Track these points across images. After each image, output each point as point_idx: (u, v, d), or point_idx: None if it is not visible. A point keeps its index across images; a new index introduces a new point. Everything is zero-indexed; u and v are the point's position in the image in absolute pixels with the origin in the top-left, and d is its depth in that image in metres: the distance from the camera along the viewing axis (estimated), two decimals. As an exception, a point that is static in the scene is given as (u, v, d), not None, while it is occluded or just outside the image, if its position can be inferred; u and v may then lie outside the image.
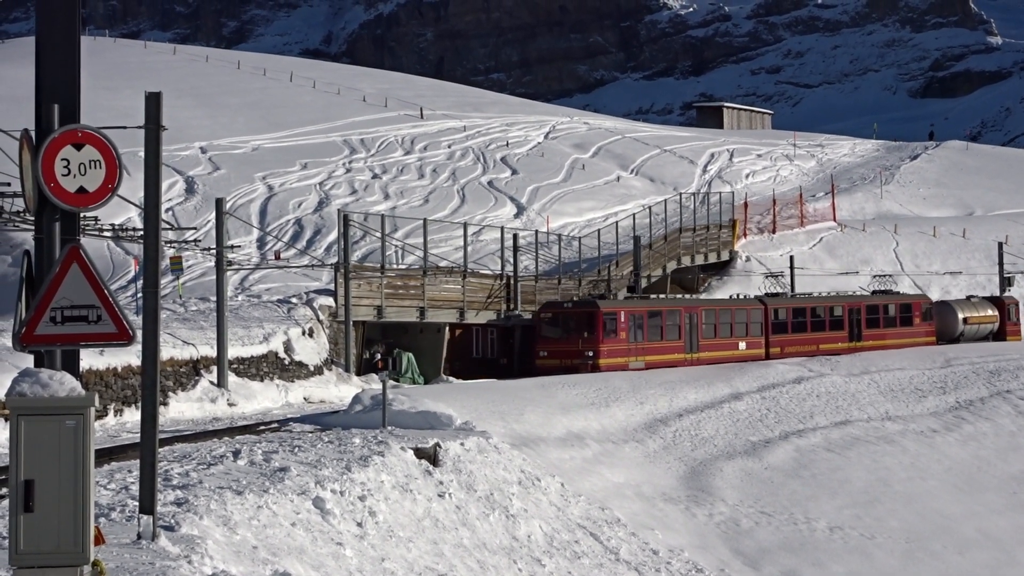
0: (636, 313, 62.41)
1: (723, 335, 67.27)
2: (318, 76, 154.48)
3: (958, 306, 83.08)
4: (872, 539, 42.15)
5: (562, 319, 61.69)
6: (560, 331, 61.31)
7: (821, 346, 71.40)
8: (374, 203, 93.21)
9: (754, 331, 69.00)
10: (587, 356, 59.83)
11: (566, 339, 60.76)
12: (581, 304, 62.60)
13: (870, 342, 74.11)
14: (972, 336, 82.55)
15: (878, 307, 76.74)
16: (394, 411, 39.44)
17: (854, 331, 74.05)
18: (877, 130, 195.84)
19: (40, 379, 11.55)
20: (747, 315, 68.97)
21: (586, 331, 60.47)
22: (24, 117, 16.34)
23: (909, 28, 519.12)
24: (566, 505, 36.87)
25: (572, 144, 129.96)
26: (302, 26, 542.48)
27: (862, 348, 72.87)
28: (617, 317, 61.20)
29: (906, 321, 77.80)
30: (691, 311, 65.65)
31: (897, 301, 78.52)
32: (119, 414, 42.07)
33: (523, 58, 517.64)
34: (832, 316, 73.49)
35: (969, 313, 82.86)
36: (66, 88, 13.12)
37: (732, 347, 67.39)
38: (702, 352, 65.11)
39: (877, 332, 75.26)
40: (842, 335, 73.38)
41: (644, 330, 62.43)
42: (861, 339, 74.03)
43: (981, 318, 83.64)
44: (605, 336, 60.49)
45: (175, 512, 20.95)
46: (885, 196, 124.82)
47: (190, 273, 69.16)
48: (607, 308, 61.22)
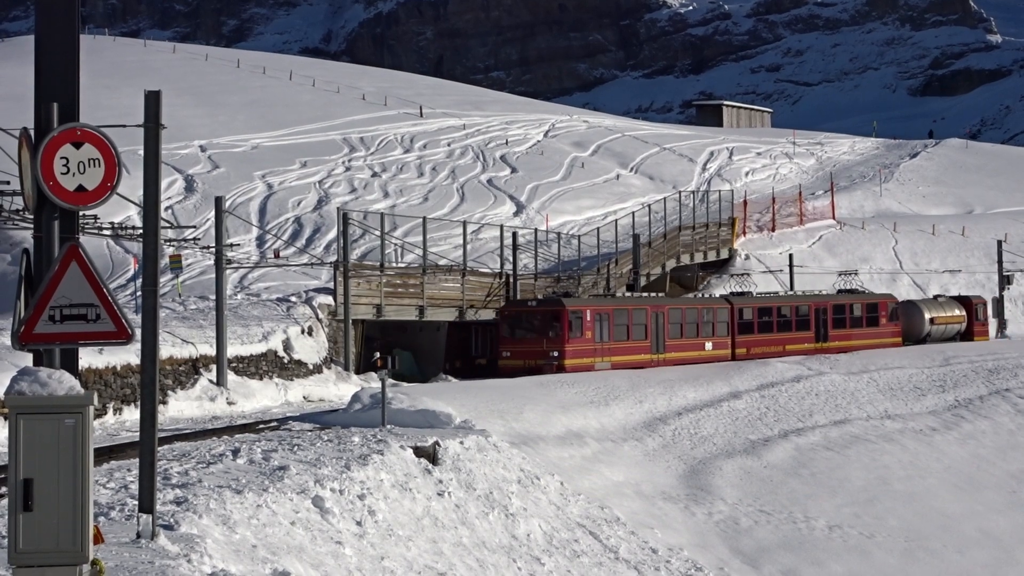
0: (602, 312, 60.09)
1: (689, 335, 64.89)
2: (318, 75, 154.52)
3: (925, 306, 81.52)
4: (871, 538, 42.15)
5: (526, 318, 59.54)
6: (524, 331, 59.20)
7: (787, 347, 69.44)
8: (373, 201, 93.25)
9: (720, 331, 66.86)
10: (552, 357, 57.52)
11: (530, 339, 58.61)
12: (545, 302, 60.30)
13: (836, 343, 72.13)
14: (939, 337, 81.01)
15: (844, 307, 74.73)
16: (393, 410, 39.43)
17: (820, 331, 72.12)
18: (876, 128, 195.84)
19: (39, 378, 11.54)
20: (713, 314, 66.76)
21: (551, 331, 58.08)
22: (23, 116, 16.35)
23: (909, 26, 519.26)
24: (565, 504, 36.86)
25: (571, 142, 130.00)
26: (302, 24, 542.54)
27: (828, 349, 70.78)
28: (583, 316, 58.88)
29: (872, 321, 75.83)
30: (657, 310, 63.30)
31: (863, 301, 76.53)
32: (118, 413, 42.06)
33: (523, 56, 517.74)
34: (799, 316, 71.44)
35: (936, 313, 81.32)
36: (65, 87, 13.12)
37: (698, 347, 65.20)
38: (668, 353, 63.03)
39: (843, 333, 73.29)
40: (808, 335, 71.47)
41: (610, 330, 60.17)
42: (827, 340, 72.11)
43: (948, 318, 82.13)
44: (571, 336, 58.09)
45: (174, 511, 20.94)
46: (884, 194, 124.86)
47: (189, 272, 69.16)
48: (573, 307, 58.87)
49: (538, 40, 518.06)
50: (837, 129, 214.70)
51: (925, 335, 79.61)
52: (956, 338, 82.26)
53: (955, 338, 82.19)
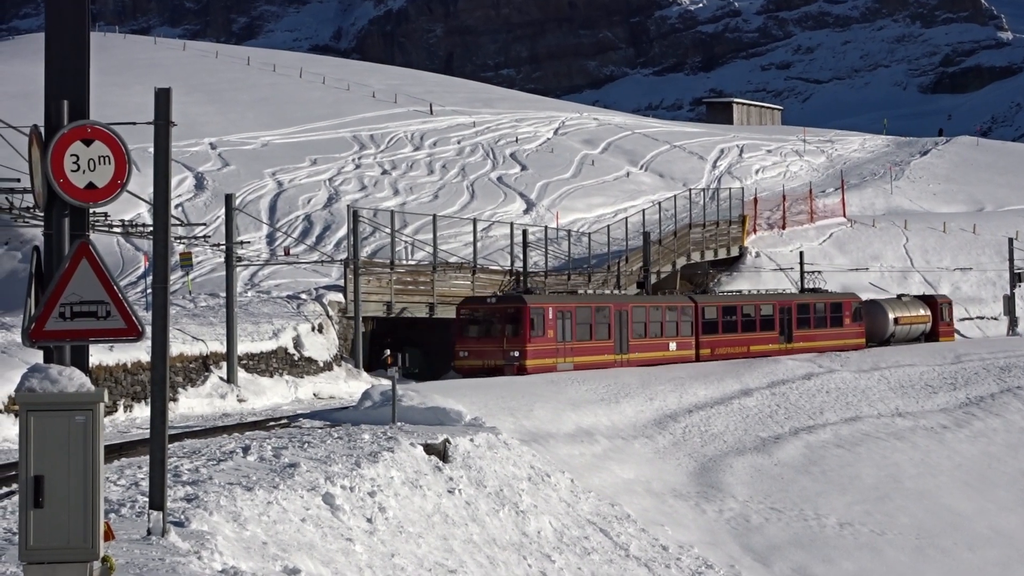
0: (565, 310, 57.39)
1: (653, 334, 62.24)
2: (328, 72, 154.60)
3: (888, 306, 79.11)
4: (882, 535, 42.11)
5: (485, 316, 56.59)
6: (482, 329, 56.36)
7: (752, 347, 67.30)
8: (383, 199, 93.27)
9: (684, 331, 64.21)
10: (513, 357, 54.79)
11: (489, 338, 55.72)
12: (506, 299, 57.18)
13: (800, 343, 69.94)
14: (903, 337, 78.82)
15: (809, 306, 72.43)
16: (404, 407, 39.45)
17: (785, 331, 69.93)
18: (887, 126, 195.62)
19: (49, 375, 11.55)
20: (678, 313, 64.06)
21: (512, 329, 55.26)
22: (34, 113, 16.35)
23: (919, 23, 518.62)
24: (576, 501, 36.86)
25: (582, 140, 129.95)
26: (312, 22, 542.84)
27: (793, 350, 68.46)
28: (545, 314, 56.10)
29: (836, 321, 73.45)
30: (621, 308, 60.69)
31: (827, 300, 74.22)
32: (129, 410, 42.11)
33: (533, 54, 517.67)
34: (763, 315, 69.05)
35: (900, 313, 79.01)
36: (75, 84, 13.12)
37: (662, 347, 62.59)
38: (632, 353, 60.43)
39: (807, 333, 71.03)
40: (773, 336, 69.25)
41: (573, 329, 57.47)
42: (792, 340, 69.89)
43: (913, 318, 79.80)
44: (533, 335, 55.30)
45: (185, 508, 20.95)
46: (895, 192, 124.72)
47: (199, 269, 69.23)
48: (535, 304, 56.04)
49: (548, 37, 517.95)
50: (848, 126, 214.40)
51: (889, 336, 77.61)
52: (921, 339, 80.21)
53: (919, 339, 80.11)
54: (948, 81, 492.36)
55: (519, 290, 60.82)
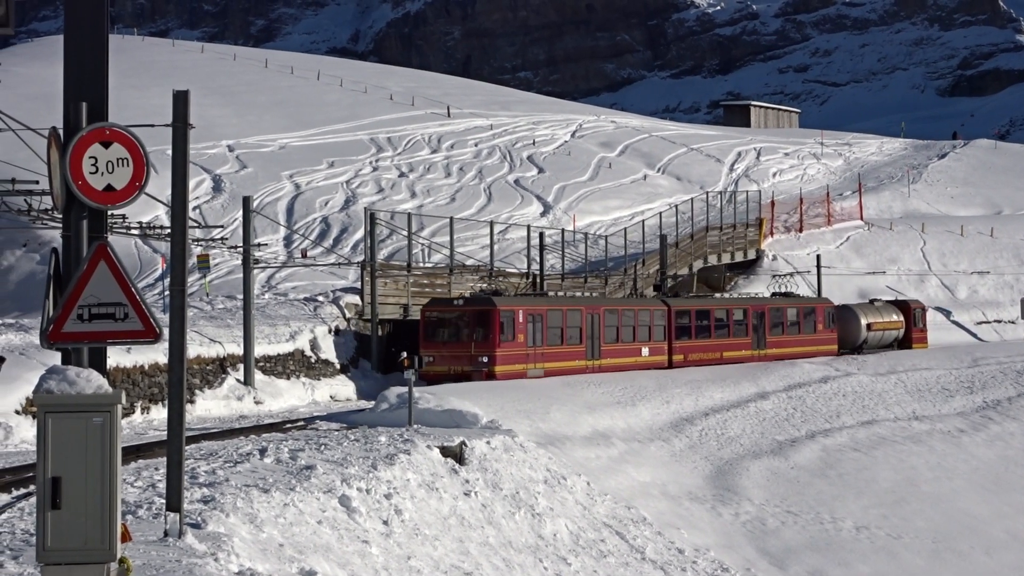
0: (535, 313, 54.80)
1: (626, 339, 59.84)
2: (345, 74, 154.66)
3: (861, 311, 76.14)
4: (899, 539, 42.04)
5: (451, 319, 53.77)
6: (449, 333, 53.50)
7: (725, 354, 64.95)
8: (401, 201, 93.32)
9: (657, 335, 61.78)
10: (481, 362, 52.25)
11: (456, 342, 52.95)
12: (474, 301, 54.49)
13: (773, 350, 67.73)
14: (876, 344, 76.08)
15: (783, 311, 70.17)
16: (420, 409, 39.54)
17: (759, 337, 67.69)
18: (905, 129, 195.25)
19: (67, 376, 11.59)
20: (650, 317, 61.62)
21: (480, 333, 52.70)
22: (52, 115, 16.41)
23: (938, 26, 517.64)
24: (592, 504, 36.87)
25: (599, 143, 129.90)
26: (329, 24, 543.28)
27: (766, 357, 66.61)
28: (515, 317, 53.52)
29: (809, 327, 71.27)
30: (592, 312, 58.11)
31: (801, 305, 71.91)
32: (146, 411, 42.23)
33: (550, 56, 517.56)
34: (736, 320, 66.81)
35: (873, 319, 76.11)
36: (94, 86, 13.16)
37: (635, 353, 60.18)
38: (603, 359, 58.00)
39: (780, 339, 68.85)
40: (746, 341, 66.93)
41: (543, 333, 54.99)
42: (765, 346, 67.70)
43: (886, 324, 77.07)
44: (502, 339, 52.73)
45: (202, 510, 21.01)
46: (913, 195, 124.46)
47: (217, 271, 69.32)
48: (504, 306, 53.45)
49: (565, 40, 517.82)
50: (865, 129, 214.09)
51: (861, 342, 75.03)
52: (893, 346, 77.64)
53: (892, 346, 77.57)
54: (966, 84, 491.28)
55: (487, 292, 57.42)
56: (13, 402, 36.77)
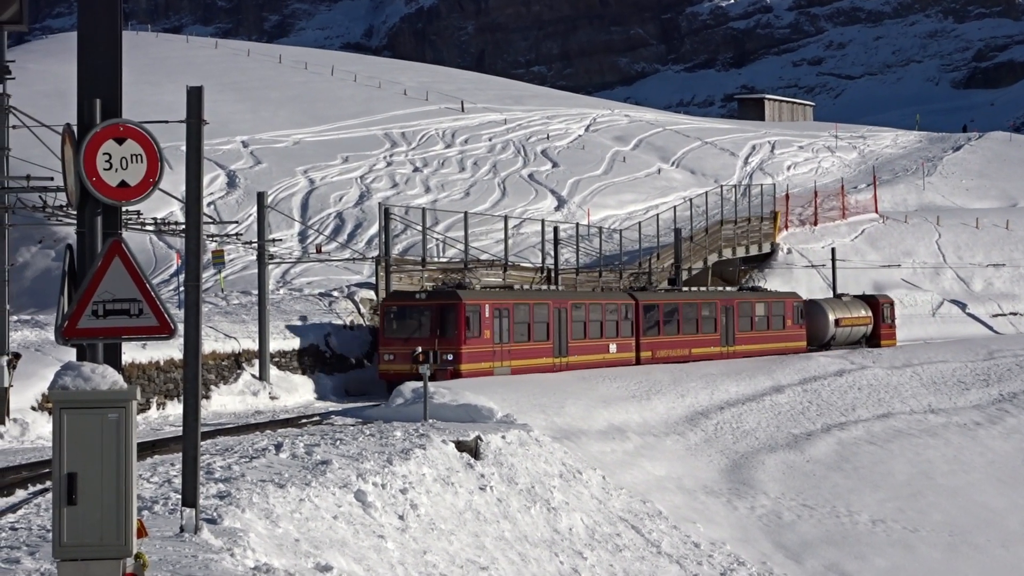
0: (502, 307, 52.03)
1: (593, 335, 56.95)
2: (359, 70, 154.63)
3: (829, 306, 73.37)
4: (915, 532, 42.00)
5: (414, 314, 50.81)
6: (411, 329, 50.62)
7: (694, 350, 62.34)
8: (415, 196, 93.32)
9: (624, 331, 58.87)
10: (446, 360, 49.21)
11: (419, 339, 49.96)
12: (438, 295, 51.45)
13: (742, 346, 65.35)
14: (844, 340, 73.38)
15: (751, 306, 67.40)
16: (435, 404, 39.58)
17: (728, 333, 65.09)
18: (919, 121, 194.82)
19: (82, 372, 11.60)
20: (618, 312, 58.72)
21: (445, 329, 49.86)
22: (67, 112, 16.43)
23: (952, 19, 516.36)
24: (607, 498, 36.87)
25: (613, 137, 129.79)
26: (343, 20, 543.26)
27: (735, 354, 64.32)
28: (481, 312, 50.72)
29: (778, 322, 68.58)
30: (560, 306, 55.26)
31: (770, 299, 69.37)
32: (162, 407, 42.31)
33: (564, 51, 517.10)
34: (705, 316, 64.01)
35: (841, 314, 73.34)
36: (108, 83, 13.16)
37: (602, 350, 57.40)
38: (571, 356, 55.30)
39: (749, 335, 66.29)
40: (715, 337, 64.29)
41: (510, 328, 52.25)
42: (734, 342, 65.25)
43: (854, 319, 74.14)
44: (468, 336, 49.85)
45: (218, 505, 21.04)
46: (927, 187, 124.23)
47: (232, 267, 69.40)
48: (471, 300, 50.63)
49: (579, 34, 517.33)
50: (880, 122, 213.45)
51: (829, 339, 72.42)
52: (861, 342, 74.94)
53: (860, 342, 74.86)
54: (981, 76, 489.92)
55: (451, 285, 54.27)
56: (29, 398, 36.87)
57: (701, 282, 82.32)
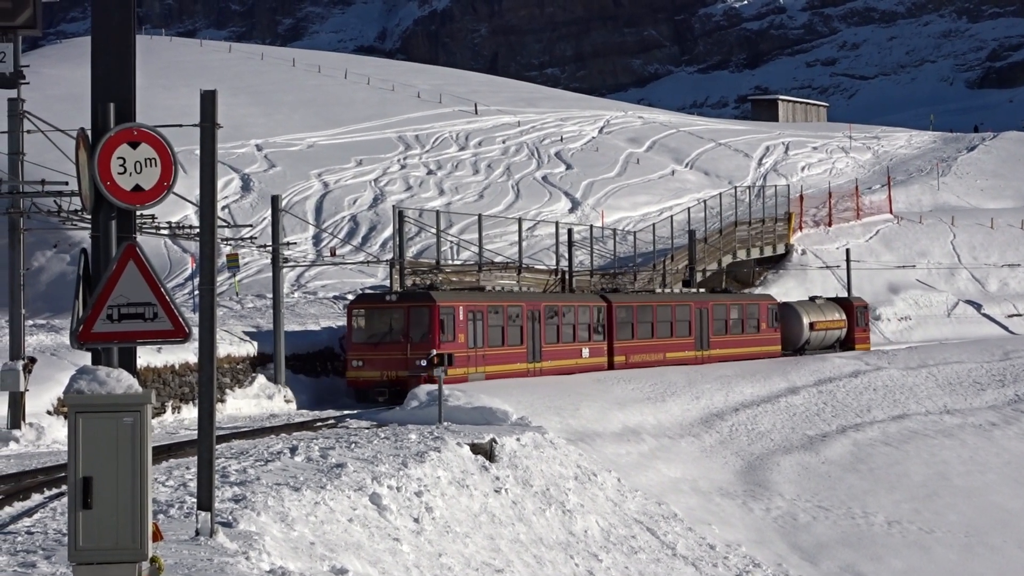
0: (476, 310, 49.21)
1: (566, 339, 54.57)
2: (372, 73, 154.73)
3: (803, 309, 71.26)
4: (931, 533, 41.94)
5: (383, 317, 48.04)
6: (381, 333, 47.85)
7: (668, 355, 60.00)
8: (429, 199, 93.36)
9: (597, 335, 56.64)
10: (419, 367, 45.58)
11: (389, 344, 47.19)
12: (409, 297, 48.56)
13: (717, 351, 63.28)
14: (818, 344, 71.35)
15: (727, 308, 65.42)
16: (450, 407, 39.57)
17: (703, 336, 62.90)
18: (934, 121, 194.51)
19: (98, 376, 11.61)
20: (590, 315, 56.30)
21: (417, 333, 46.93)
22: (81, 116, 16.47)
23: (966, 18, 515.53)
24: (622, 500, 36.85)
25: (626, 138, 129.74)
26: (356, 23, 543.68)
27: (711, 358, 62.39)
28: (455, 315, 47.80)
29: (753, 326, 66.78)
30: (533, 308, 52.61)
31: (745, 302, 67.66)
32: (177, 411, 42.35)
33: (577, 53, 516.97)
34: (679, 318, 61.73)
35: (816, 317, 71.25)
36: (122, 87, 13.18)
37: (575, 354, 54.90)
38: (545, 361, 52.71)
39: (724, 339, 64.33)
40: (689, 341, 62.02)
41: (484, 332, 49.39)
42: (709, 347, 63.10)
43: (829, 323, 72.10)
44: (442, 340, 46.58)
45: (233, 508, 21.05)
46: (942, 188, 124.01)
47: (246, 270, 69.46)
48: (445, 302, 47.66)
49: (592, 36, 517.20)
50: (894, 123, 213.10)
51: (804, 343, 70.40)
52: (836, 347, 72.68)
53: (834, 347, 72.59)
54: (995, 76, 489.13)
55: (423, 286, 51.06)
56: (45, 402, 36.93)
57: (715, 283, 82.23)
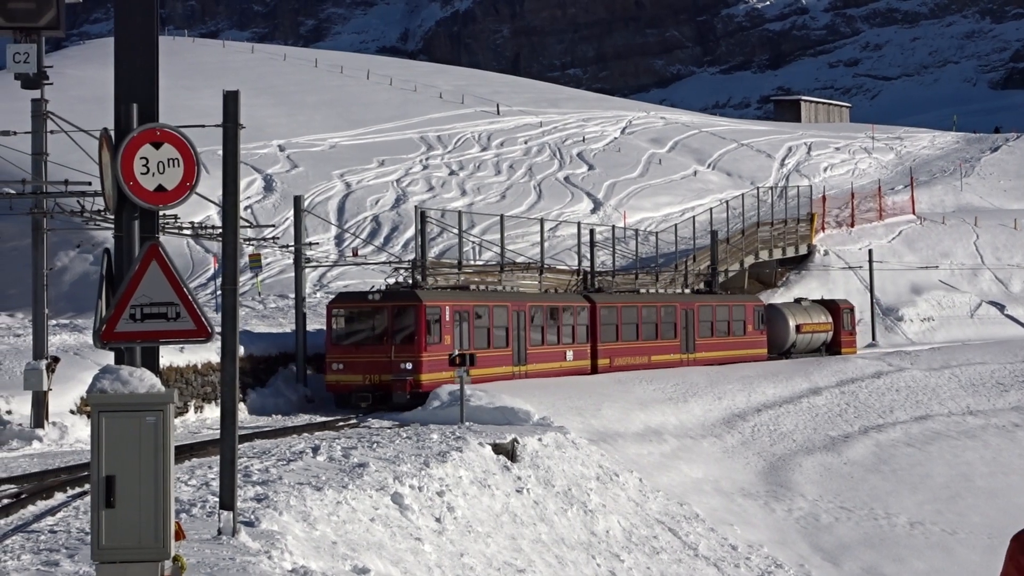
0: (462, 310, 46.55)
1: (551, 341, 52.06)
2: (395, 73, 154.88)
3: (789, 311, 69.27)
4: (953, 535, 41.84)
5: (365, 317, 45.44)
6: (363, 334, 45.27)
7: (653, 357, 57.63)
8: (451, 199, 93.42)
9: (580, 336, 54.03)
10: (404, 370, 43.64)
11: (372, 345, 44.53)
12: (394, 296, 45.64)
13: (702, 353, 60.94)
14: (804, 348, 69.45)
15: (712, 309, 63.21)
16: (472, 407, 39.58)
17: (689, 339, 60.59)
18: (957, 122, 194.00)
19: (120, 376, 11.63)
20: (574, 316, 53.68)
21: (402, 335, 44.36)
22: (104, 117, 16.52)
23: (989, 19, 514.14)
24: (644, 500, 36.83)
25: (649, 139, 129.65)
26: (379, 24, 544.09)
27: (697, 361, 60.17)
28: (442, 315, 45.09)
29: (739, 328, 64.58)
30: (519, 308, 50.09)
31: (731, 303, 65.41)
32: (199, 411, 42.42)
33: (599, 53, 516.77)
34: (665, 319, 59.44)
35: (802, 320, 69.20)
36: (144, 88, 13.22)
37: (559, 357, 52.35)
38: (530, 364, 50.14)
39: (709, 341, 61.99)
40: (675, 344, 59.77)
41: (470, 333, 46.63)
42: (694, 349, 60.83)
43: (815, 326, 70.06)
44: (429, 342, 44.17)
45: (255, 508, 21.09)
46: (965, 188, 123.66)
47: (268, 270, 69.58)
48: (431, 302, 44.97)
49: (615, 37, 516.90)
50: (917, 123, 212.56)
51: (790, 346, 68.44)
52: (821, 350, 70.86)
53: (820, 350, 70.81)
54: (1019, 77, 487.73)
55: (407, 285, 47.73)
56: (68, 402, 37.02)
57: (737, 284, 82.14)
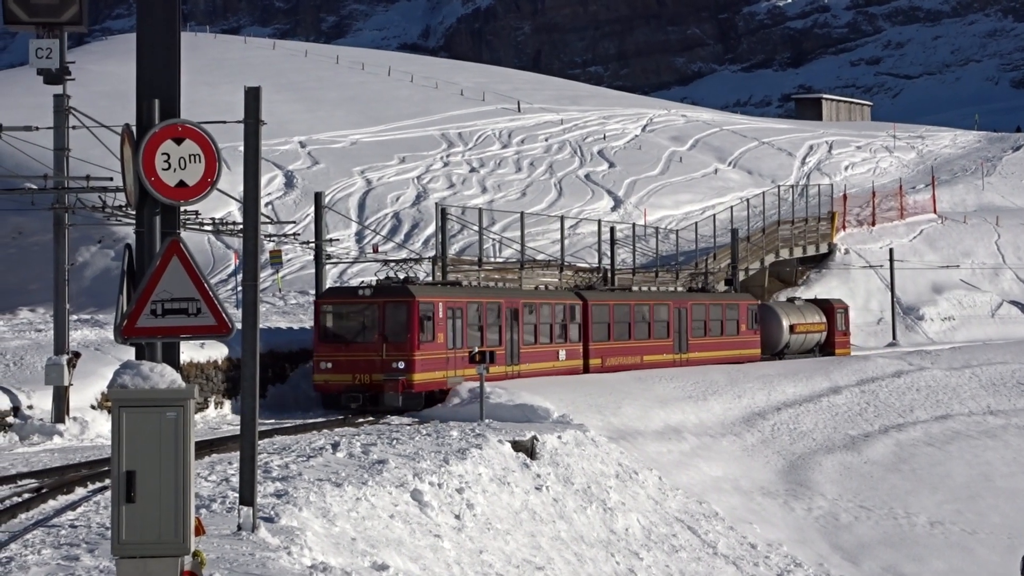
0: (455, 307, 44.37)
1: (543, 340, 50.10)
2: (416, 70, 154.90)
3: (782, 311, 67.62)
4: (973, 535, 41.74)
5: (355, 314, 43.21)
6: (352, 332, 43.04)
7: (646, 357, 55.70)
8: (471, 196, 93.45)
9: (573, 335, 51.91)
10: (396, 369, 41.51)
11: (361, 343, 42.35)
12: (385, 291, 43.05)
13: (695, 354, 58.95)
14: (797, 348, 67.79)
15: (705, 308, 61.12)
16: (492, 404, 39.56)
17: (682, 338, 58.58)
18: (979, 121, 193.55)
19: (141, 371, 11.65)
20: (565, 314, 51.51)
21: (394, 332, 41.96)
22: (126, 112, 16.54)
23: (1011, 17, 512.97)
24: (664, 498, 36.80)
25: (669, 137, 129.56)
26: (400, 20, 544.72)
27: (690, 361, 58.21)
28: (435, 312, 42.86)
29: (732, 327, 62.43)
30: (511, 305, 47.87)
31: (724, 301, 63.05)
32: (219, 406, 42.45)
33: (620, 51, 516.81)
34: (658, 319, 57.48)
35: (796, 320, 67.47)
36: (166, 84, 13.23)
37: (552, 356, 50.40)
38: (522, 363, 48.14)
39: (702, 341, 60.03)
40: (668, 343, 57.72)
41: (463, 331, 44.49)
42: (687, 349, 58.81)
43: (809, 326, 68.42)
44: (422, 340, 42.00)
45: (275, 504, 21.11)
46: (987, 188, 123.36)
47: (289, 267, 69.69)
48: (424, 298, 42.66)
49: (636, 34, 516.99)
50: (938, 122, 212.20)
51: (783, 346, 66.78)
52: (815, 351, 69.24)
53: (814, 351, 69.18)
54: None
55: (397, 280, 44.95)
56: (89, 397, 37.09)
57: (758, 282, 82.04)
